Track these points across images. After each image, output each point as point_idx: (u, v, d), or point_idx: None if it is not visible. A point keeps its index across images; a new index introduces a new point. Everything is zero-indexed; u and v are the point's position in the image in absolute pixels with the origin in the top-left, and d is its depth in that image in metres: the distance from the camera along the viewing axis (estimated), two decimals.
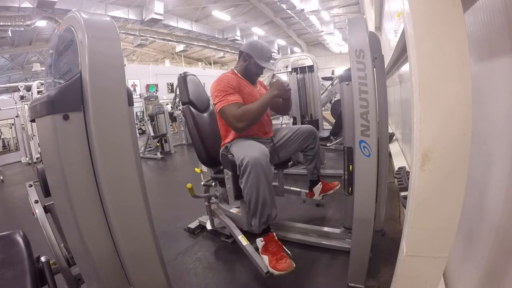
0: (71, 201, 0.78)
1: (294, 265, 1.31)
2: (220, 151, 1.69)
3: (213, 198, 1.93)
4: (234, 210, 1.79)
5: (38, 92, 5.25)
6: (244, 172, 1.36)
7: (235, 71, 1.71)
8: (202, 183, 1.92)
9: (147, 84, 12.38)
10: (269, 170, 1.38)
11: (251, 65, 1.67)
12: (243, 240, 1.56)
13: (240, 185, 1.41)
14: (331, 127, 3.81)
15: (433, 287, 0.77)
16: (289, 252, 1.41)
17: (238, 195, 1.51)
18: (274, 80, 3.61)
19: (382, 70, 1.34)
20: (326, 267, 1.53)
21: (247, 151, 1.40)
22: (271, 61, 1.73)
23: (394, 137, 3.82)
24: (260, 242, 1.44)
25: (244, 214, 1.65)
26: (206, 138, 1.79)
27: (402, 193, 1.54)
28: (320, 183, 1.90)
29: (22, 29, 7.25)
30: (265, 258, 1.38)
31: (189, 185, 1.77)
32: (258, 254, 1.44)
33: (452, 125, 0.66)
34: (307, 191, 1.99)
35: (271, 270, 1.33)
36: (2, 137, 7.46)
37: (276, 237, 1.46)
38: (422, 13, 0.65)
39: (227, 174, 1.55)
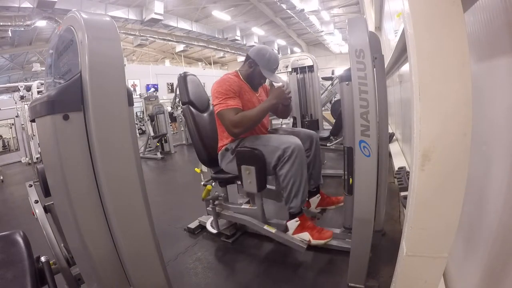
0: (71, 201, 0.78)
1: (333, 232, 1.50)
2: (219, 152, 1.68)
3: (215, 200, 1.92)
4: (246, 207, 1.79)
5: (38, 92, 5.25)
6: (289, 158, 1.46)
7: (239, 73, 1.70)
8: (202, 183, 1.92)
9: (147, 85, 12.41)
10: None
11: (255, 73, 1.65)
12: (270, 229, 1.61)
13: (279, 172, 1.51)
14: (331, 127, 3.81)
15: (433, 287, 0.77)
16: None
17: (262, 186, 1.57)
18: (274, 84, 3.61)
19: (382, 70, 1.34)
20: (326, 267, 1.53)
21: (287, 140, 1.49)
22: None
23: (394, 137, 3.82)
24: (294, 222, 1.53)
25: (260, 207, 1.68)
26: (206, 138, 1.79)
27: (402, 193, 1.55)
28: (318, 195, 1.78)
29: (22, 29, 7.25)
30: (305, 234, 1.49)
31: (209, 187, 1.80)
32: (290, 235, 1.53)
33: (452, 125, 0.66)
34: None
35: (316, 242, 1.46)
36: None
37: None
38: (422, 13, 0.65)
39: (249, 169, 1.53)
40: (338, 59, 17.37)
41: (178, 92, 5.77)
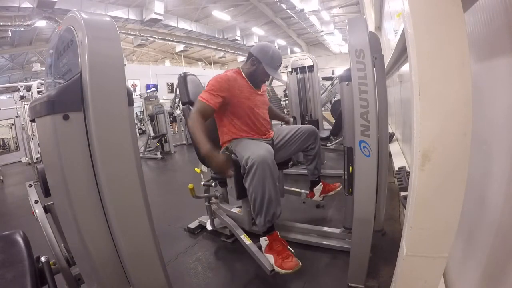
0: (71, 201, 0.78)
1: (300, 264, 1.32)
2: (221, 151, 1.69)
3: (213, 198, 1.93)
4: (235, 210, 1.79)
5: (38, 92, 5.25)
6: (249, 170, 1.35)
7: (241, 70, 1.69)
8: (202, 183, 1.92)
9: (147, 85, 12.41)
10: (274, 168, 1.38)
11: (258, 70, 1.63)
12: (245, 239, 1.56)
13: (244, 184, 1.41)
14: (331, 127, 3.81)
15: (433, 287, 0.77)
16: (293, 251, 1.42)
17: (241, 194, 1.51)
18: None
19: (382, 70, 1.34)
20: (326, 267, 1.53)
21: (252, 150, 1.40)
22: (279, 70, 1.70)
23: (394, 137, 3.82)
24: (264, 241, 1.44)
25: (245, 214, 1.65)
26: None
27: (402, 193, 1.54)
28: (320, 183, 1.88)
29: (22, 29, 7.25)
30: (270, 257, 1.37)
31: (190, 186, 1.77)
32: (261, 253, 1.44)
33: (452, 125, 0.66)
34: (308, 191, 1.98)
35: (277, 269, 1.32)
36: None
37: (279, 236, 1.46)
38: (422, 13, 0.65)
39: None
40: (338, 59, 17.36)
41: (178, 92, 5.77)
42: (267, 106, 1.80)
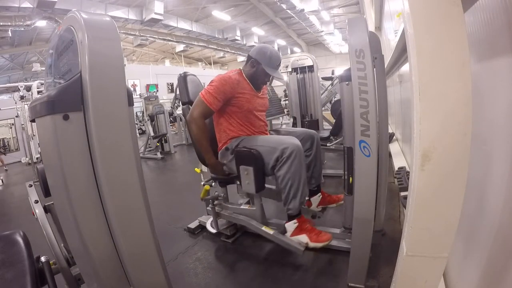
0: (71, 201, 0.78)
1: (332, 236, 1.48)
2: (220, 151, 1.69)
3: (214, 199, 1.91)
4: (245, 207, 1.81)
5: (38, 92, 5.26)
6: (287, 159, 1.45)
7: (243, 72, 1.69)
8: (202, 183, 1.92)
9: (147, 84, 12.40)
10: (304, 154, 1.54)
11: (258, 71, 1.64)
12: (268, 230, 1.62)
13: (277, 173, 1.50)
14: (331, 127, 3.81)
15: (433, 287, 0.77)
16: None
17: (260, 187, 1.57)
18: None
19: (382, 70, 1.34)
20: (326, 267, 1.53)
21: (286, 141, 1.50)
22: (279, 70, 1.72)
23: (394, 137, 3.82)
24: (292, 224, 1.52)
25: (259, 208, 1.69)
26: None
27: (402, 193, 1.55)
28: (319, 194, 1.78)
29: (22, 29, 7.25)
30: (303, 236, 1.48)
31: (207, 187, 1.80)
32: (288, 237, 1.52)
33: (452, 125, 0.66)
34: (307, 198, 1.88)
35: (314, 244, 1.45)
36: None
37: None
38: (422, 13, 0.65)
39: (247, 170, 1.55)
40: (338, 59, 17.35)
41: (178, 92, 5.77)
42: (266, 108, 1.80)
